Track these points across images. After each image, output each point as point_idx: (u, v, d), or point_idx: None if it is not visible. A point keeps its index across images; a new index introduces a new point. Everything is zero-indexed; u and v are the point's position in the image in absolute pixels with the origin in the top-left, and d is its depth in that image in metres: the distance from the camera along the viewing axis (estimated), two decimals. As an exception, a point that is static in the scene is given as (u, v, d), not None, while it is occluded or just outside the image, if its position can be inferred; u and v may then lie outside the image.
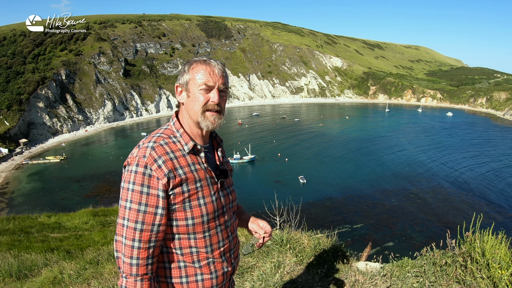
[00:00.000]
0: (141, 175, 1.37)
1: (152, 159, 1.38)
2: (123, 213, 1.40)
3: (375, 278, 3.06)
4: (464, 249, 2.79)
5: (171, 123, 1.57)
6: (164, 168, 1.38)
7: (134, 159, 1.40)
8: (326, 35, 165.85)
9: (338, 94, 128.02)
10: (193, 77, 1.50)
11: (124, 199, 1.39)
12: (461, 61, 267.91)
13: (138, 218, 1.37)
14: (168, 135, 1.50)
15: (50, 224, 9.55)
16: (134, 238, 1.38)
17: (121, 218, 1.41)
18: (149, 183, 1.37)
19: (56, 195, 45.12)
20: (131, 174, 1.39)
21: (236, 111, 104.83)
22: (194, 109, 1.50)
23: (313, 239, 3.94)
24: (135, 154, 1.42)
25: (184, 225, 1.47)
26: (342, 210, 38.90)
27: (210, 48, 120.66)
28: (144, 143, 1.45)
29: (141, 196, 1.37)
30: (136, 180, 1.37)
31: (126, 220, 1.39)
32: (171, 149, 1.45)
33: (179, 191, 1.42)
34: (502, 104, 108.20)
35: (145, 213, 1.37)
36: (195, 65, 1.51)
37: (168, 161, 1.41)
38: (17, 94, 69.56)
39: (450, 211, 38.72)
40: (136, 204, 1.37)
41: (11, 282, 4.72)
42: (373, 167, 55.20)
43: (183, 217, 1.46)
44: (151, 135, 1.51)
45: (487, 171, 54.63)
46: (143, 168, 1.37)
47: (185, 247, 1.51)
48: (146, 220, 1.38)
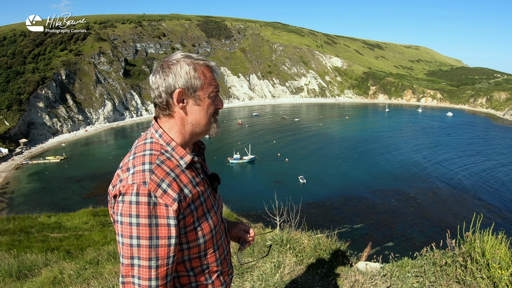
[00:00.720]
0: (145, 206, 1.17)
1: (155, 184, 1.19)
2: (130, 252, 1.19)
3: (375, 278, 3.06)
4: (464, 249, 2.79)
5: (155, 135, 1.34)
6: (171, 192, 1.21)
7: (131, 188, 1.18)
8: (326, 35, 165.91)
9: (338, 94, 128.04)
10: (204, 84, 1.33)
11: (128, 236, 1.18)
12: (461, 61, 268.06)
13: (151, 255, 1.19)
14: (159, 151, 1.28)
15: (50, 224, 9.56)
16: (150, 277, 1.20)
17: (127, 258, 1.19)
18: (157, 212, 1.19)
19: (56, 195, 45.12)
20: (131, 206, 1.17)
21: (236, 111, 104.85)
22: (204, 119, 1.35)
23: (313, 239, 3.94)
24: (131, 182, 1.19)
25: (197, 245, 1.35)
26: (342, 210, 38.90)
27: (210, 48, 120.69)
28: (137, 166, 1.22)
29: (150, 229, 1.18)
30: (141, 212, 1.17)
31: (137, 259, 1.19)
32: (169, 167, 1.26)
33: (188, 212, 1.28)
34: (502, 104, 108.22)
35: (157, 247, 1.19)
36: (202, 69, 1.33)
37: (172, 182, 1.23)
38: (17, 94, 69.58)
39: (450, 211, 38.72)
40: (147, 240, 1.18)
41: (11, 282, 4.71)
42: (373, 167, 55.21)
43: (195, 237, 1.33)
44: (139, 154, 1.27)
45: (487, 171, 54.65)
46: (147, 197, 1.17)
47: (196, 266, 1.40)
48: (161, 255, 1.20)
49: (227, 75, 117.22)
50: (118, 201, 1.21)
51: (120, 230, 1.19)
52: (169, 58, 1.34)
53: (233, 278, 3.53)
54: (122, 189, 1.19)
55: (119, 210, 1.20)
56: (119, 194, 1.21)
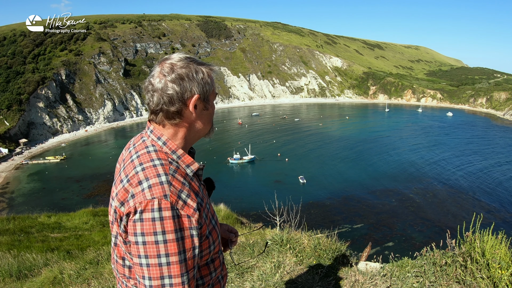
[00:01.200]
0: (170, 220, 1.09)
1: (176, 196, 1.13)
2: (160, 272, 1.10)
3: (375, 278, 3.07)
4: (464, 249, 2.80)
5: (158, 143, 1.26)
6: (191, 202, 1.16)
7: (151, 203, 1.09)
8: (326, 35, 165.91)
9: (338, 94, 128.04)
10: (214, 88, 1.31)
11: (155, 256, 1.09)
12: (461, 61, 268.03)
13: (182, 270, 1.12)
14: (167, 160, 1.21)
15: (50, 224, 9.56)
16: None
17: (156, 279, 1.10)
18: (180, 225, 1.12)
19: (56, 195, 45.12)
20: (155, 224, 1.08)
21: (236, 111, 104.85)
22: (210, 123, 1.34)
23: (313, 239, 3.95)
24: (149, 197, 1.09)
25: (208, 253, 1.31)
26: (342, 210, 38.90)
27: (210, 48, 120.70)
28: (152, 179, 1.13)
29: (178, 243, 1.11)
30: (167, 228, 1.09)
31: (167, 278, 1.10)
32: (182, 176, 1.20)
33: (203, 220, 1.24)
34: (502, 104, 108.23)
35: (185, 261, 1.13)
36: (209, 73, 1.29)
37: (190, 192, 1.18)
38: (17, 94, 69.58)
39: (450, 211, 38.72)
40: (176, 256, 1.10)
41: (11, 282, 4.72)
42: (372, 167, 55.22)
43: (207, 245, 1.29)
44: (148, 165, 1.18)
45: (487, 171, 54.65)
46: (171, 211, 1.10)
47: (205, 275, 1.36)
48: (190, 268, 1.15)
49: (227, 75, 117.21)
50: (135, 220, 1.10)
51: (143, 252, 1.09)
52: (174, 61, 1.25)
53: (233, 278, 3.54)
54: (139, 206, 1.09)
55: (137, 230, 1.09)
56: (135, 212, 1.10)
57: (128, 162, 1.25)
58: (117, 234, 1.25)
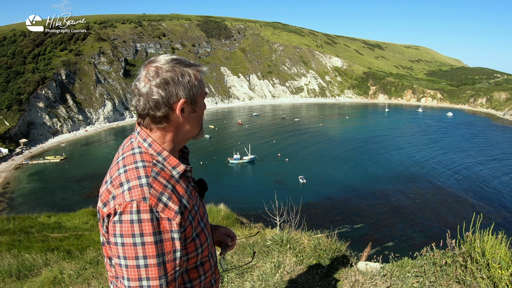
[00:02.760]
0: (149, 223, 1.09)
1: (155, 199, 1.12)
2: (137, 274, 1.10)
3: (375, 278, 3.06)
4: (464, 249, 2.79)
5: (144, 145, 1.25)
6: (172, 205, 1.15)
7: (130, 205, 1.09)
8: (326, 35, 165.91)
9: (338, 94, 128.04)
10: (201, 90, 1.28)
11: (133, 258, 1.09)
12: (461, 61, 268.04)
13: (160, 273, 1.12)
14: (151, 162, 1.20)
15: (50, 224, 9.56)
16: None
17: (134, 280, 1.10)
18: (160, 228, 1.12)
19: (56, 195, 45.12)
20: (133, 226, 1.08)
21: (236, 111, 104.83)
22: (198, 125, 1.31)
23: (313, 239, 3.94)
24: (129, 199, 1.10)
25: (195, 256, 1.30)
26: (342, 210, 38.89)
27: (210, 48, 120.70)
28: (132, 181, 1.13)
29: (156, 246, 1.10)
30: (145, 230, 1.09)
31: (145, 280, 1.11)
32: (165, 179, 1.19)
33: (188, 223, 1.23)
34: (502, 104, 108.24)
35: (164, 264, 1.13)
36: (196, 75, 1.26)
37: (171, 195, 1.17)
38: (17, 94, 69.57)
39: (450, 211, 38.72)
40: (154, 258, 1.10)
41: (11, 282, 4.71)
42: (372, 167, 55.21)
43: (194, 248, 1.29)
44: (131, 167, 1.18)
45: (487, 171, 54.65)
46: (149, 214, 1.09)
47: (195, 278, 1.36)
48: (169, 271, 1.14)
49: (227, 75, 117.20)
50: (115, 221, 1.10)
51: (122, 253, 1.10)
52: (159, 64, 1.24)
53: (233, 278, 3.53)
54: (119, 208, 1.09)
55: (117, 231, 1.09)
56: (114, 214, 1.10)
57: (115, 163, 1.26)
58: (101, 234, 1.26)
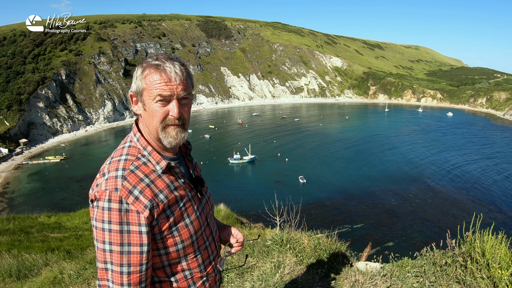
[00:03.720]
0: (117, 212, 1.18)
1: (127, 191, 1.19)
2: (103, 257, 1.20)
3: (375, 278, 3.06)
4: (464, 249, 2.79)
5: (134, 139, 1.34)
6: (143, 199, 1.21)
7: (104, 194, 1.19)
8: (326, 35, 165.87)
9: (338, 94, 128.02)
10: (147, 86, 1.26)
11: (101, 241, 1.19)
12: (461, 61, 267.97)
13: (122, 261, 1.19)
14: (135, 156, 1.29)
15: (50, 224, 9.56)
16: (122, 283, 1.21)
17: (101, 262, 1.21)
18: (128, 219, 1.19)
19: (56, 195, 45.11)
20: (103, 212, 1.18)
21: (236, 111, 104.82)
22: (152, 125, 1.29)
23: (313, 239, 3.94)
24: (104, 187, 1.20)
25: (175, 251, 1.33)
26: (342, 210, 38.89)
27: (210, 48, 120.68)
28: (111, 172, 1.23)
29: (121, 236, 1.18)
30: (112, 218, 1.18)
31: (110, 263, 1.20)
32: (144, 173, 1.26)
33: (163, 218, 1.26)
34: (502, 104, 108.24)
35: (129, 254, 1.20)
36: (147, 71, 1.26)
37: (145, 189, 1.22)
38: (17, 94, 69.55)
39: (450, 211, 38.72)
40: (118, 246, 1.18)
41: (11, 282, 4.72)
42: (372, 167, 55.20)
43: (173, 242, 1.31)
44: (115, 159, 1.28)
45: (487, 171, 54.64)
46: (118, 204, 1.18)
47: (178, 272, 1.38)
48: (133, 262, 1.21)
49: (227, 75, 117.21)
50: (94, 206, 1.22)
51: (95, 235, 1.21)
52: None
53: (233, 278, 3.52)
54: (97, 194, 1.20)
55: (94, 215, 1.21)
56: (94, 199, 1.22)
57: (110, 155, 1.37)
58: None
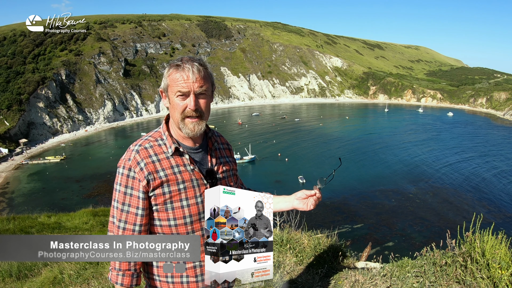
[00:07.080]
0: (125, 177, 1.47)
1: (136, 162, 1.47)
2: (112, 211, 1.51)
3: (375, 278, 3.07)
4: (464, 249, 2.79)
5: (161, 126, 1.62)
6: (145, 171, 1.46)
7: (122, 162, 1.50)
8: (326, 35, 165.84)
9: (338, 94, 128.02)
10: (170, 84, 1.50)
11: (113, 199, 1.51)
12: (461, 61, 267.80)
13: (121, 217, 1.48)
14: (155, 138, 1.56)
15: (50, 224, 9.56)
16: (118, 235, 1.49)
17: (111, 216, 1.53)
18: (132, 184, 1.46)
19: (56, 195, 45.12)
20: (118, 176, 1.49)
21: (236, 111, 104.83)
22: (175, 116, 1.52)
23: (313, 239, 3.94)
24: (123, 157, 1.51)
25: (167, 225, 1.52)
26: (342, 210, 38.91)
27: (210, 48, 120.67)
28: (132, 146, 1.53)
29: (124, 196, 1.47)
30: (122, 181, 1.48)
31: (113, 217, 1.51)
32: (154, 152, 1.51)
33: (159, 192, 1.47)
34: (502, 104, 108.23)
35: (127, 213, 1.47)
36: (171, 71, 1.50)
37: (149, 164, 1.47)
38: (17, 94, 69.56)
39: (450, 211, 38.73)
40: (121, 204, 1.48)
41: (11, 282, 4.72)
42: (372, 167, 55.23)
43: (166, 217, 1.51)
44: (141, 138, 1.57)
45: (487, 171, 54.66)
46: (128, 171, 1.47)
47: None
48: (128, 220, 1.48)
49: (227, 75, 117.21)
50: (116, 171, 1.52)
51: (113, 194, 1.52)
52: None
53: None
54: (119, 162, 1.52)
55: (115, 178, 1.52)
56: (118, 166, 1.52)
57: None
58: None
